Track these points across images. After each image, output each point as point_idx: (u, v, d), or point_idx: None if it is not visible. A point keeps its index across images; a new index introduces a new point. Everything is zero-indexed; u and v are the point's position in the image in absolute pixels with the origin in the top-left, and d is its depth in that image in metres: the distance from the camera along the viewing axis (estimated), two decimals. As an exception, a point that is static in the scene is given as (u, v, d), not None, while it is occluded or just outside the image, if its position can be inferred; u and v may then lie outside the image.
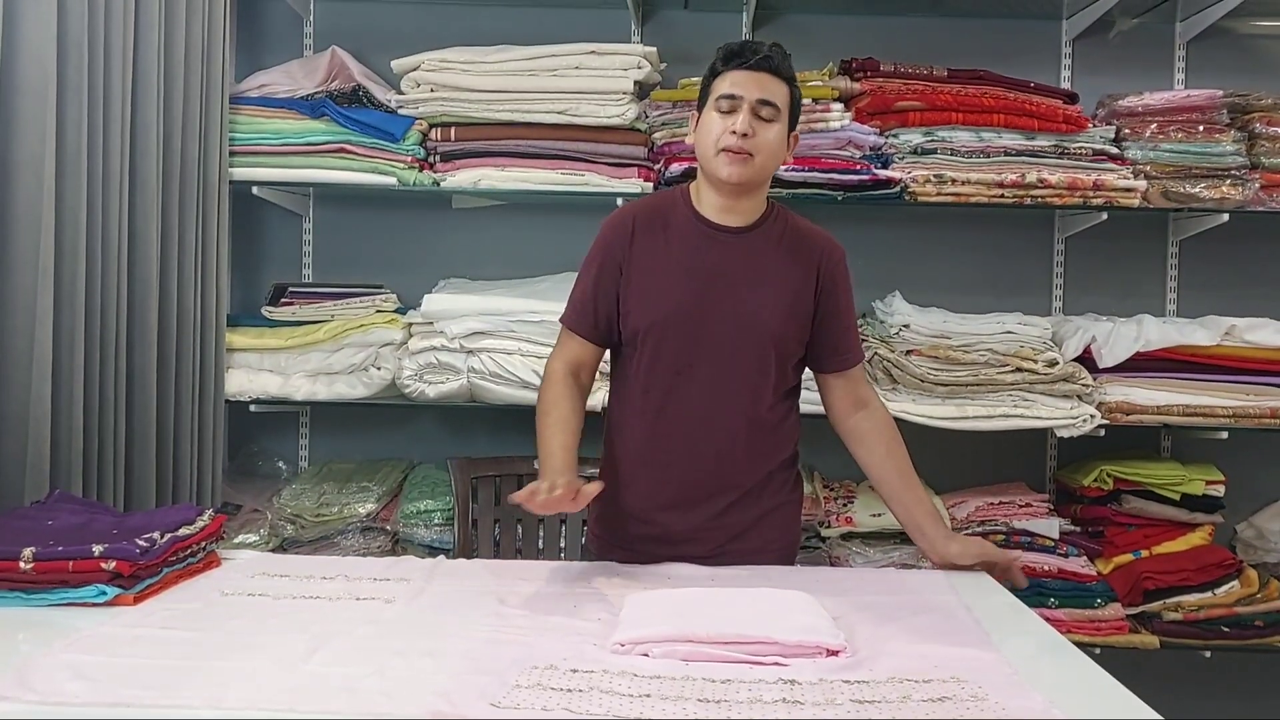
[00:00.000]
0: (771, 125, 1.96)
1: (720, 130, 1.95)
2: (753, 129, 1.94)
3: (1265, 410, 2.80)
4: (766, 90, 1.95)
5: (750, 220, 2.05)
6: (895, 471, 2.11)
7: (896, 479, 2.11)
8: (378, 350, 2.87)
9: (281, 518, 2.83)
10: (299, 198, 3.16)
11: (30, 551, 1.63)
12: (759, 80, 1.95)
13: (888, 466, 2.11)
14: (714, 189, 2.02)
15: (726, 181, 1.97)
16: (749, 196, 2.03)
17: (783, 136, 2.00)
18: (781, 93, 1.98)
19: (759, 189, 2.04)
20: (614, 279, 2.05)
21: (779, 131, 1.98)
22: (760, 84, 1.95)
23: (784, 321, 2.03)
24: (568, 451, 1.97)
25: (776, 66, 1.97)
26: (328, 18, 3.19)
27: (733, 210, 2.03)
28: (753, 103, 1.94)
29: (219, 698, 1.28)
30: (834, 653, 1.46)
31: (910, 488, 2.10)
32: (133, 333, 2.45)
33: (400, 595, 1.74)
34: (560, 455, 1.95)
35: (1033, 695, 1.33)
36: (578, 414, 2.06)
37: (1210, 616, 2.79)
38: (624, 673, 1.38)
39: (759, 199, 2.06)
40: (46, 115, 2.15)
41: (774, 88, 1.96)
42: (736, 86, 1.95)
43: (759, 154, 1.96)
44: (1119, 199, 2.83)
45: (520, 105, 2.85)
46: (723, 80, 1.97)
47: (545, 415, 2.04)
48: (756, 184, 2.02)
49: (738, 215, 2.04)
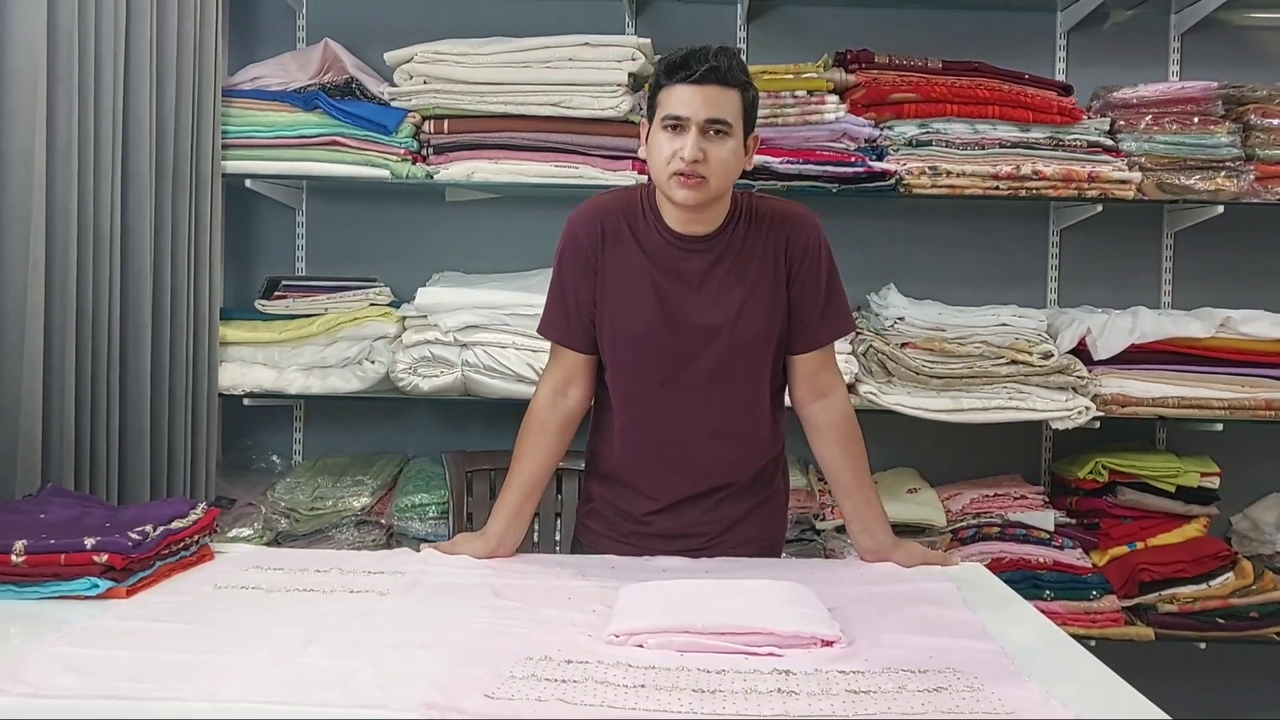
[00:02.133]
0: (725, 142, 1.84)
1: (669, 153, 1.83)
2: (703, 151, 1.82)
3: (1260, 402, 2.80)
4: (714, 107, 1.82)
5: (715, 225, 1.95)
6: (849, 469, 2.03)
7: (849, 477, 2.03)
8: (371, 344, 2.86)
9: (276, 511, 2.82)
10: (292, 190, 3.15)
11: (22, 544, 1.62)
12: (705, 96, 1.81)
13: (842, 463, 2.04)
14: (671, 204, 1.93)
15: (683, 204, 1.88)
16: (710, 209, 1.93)
17: (738, 149, 1.87)
18: (732, 104, 1.84)
19: (720, 200, 1.93)
20: (589, 279, 1.98)
21: (733, 146, 1.86)
22: (707, 100, 1.82)
23: (763, 321, 1.96)
24: (514, 513, 2.00)
25: (723, 76, 1.82)
26: (320, 10, 3.18)
27: (697, 221, 1.93)
28: (700, 123, 1.82)
29: (212, 691, 1.27)
30: (829, 643, 1.45)
31: (862, 487, 2.02)
32: (125, 326, 2.45)
33: (395, 588, 1.73)
34: (504, 517, 1.99)
35: (1029, 686, 1.33)
36: (547, 462, 2.06)
37: (1205, 608, 2.79)
38: (619, 664, 1.38)
39: (722, 205, 1.95)
40: (37, 107, 2.14)
41: (722, 102, 1.83)
42: (682, 106, 1.82)
43: (713, 175, 1.84)
44: (1114, 191, 2.82)
45: (513, 97, 2.84)
46: (668, 95, 1.84)
47: (514, 462, 2.05)
48: (715, 200, 1.91)
49: (702, 224, 1.94)
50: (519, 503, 2.01)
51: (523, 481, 2.02)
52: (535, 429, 2.04)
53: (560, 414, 2.05)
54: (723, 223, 1.96)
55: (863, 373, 2.80)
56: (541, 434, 2.04)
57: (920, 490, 2.94)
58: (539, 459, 2.04)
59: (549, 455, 2.06)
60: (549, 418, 2.04)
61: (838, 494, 2.08)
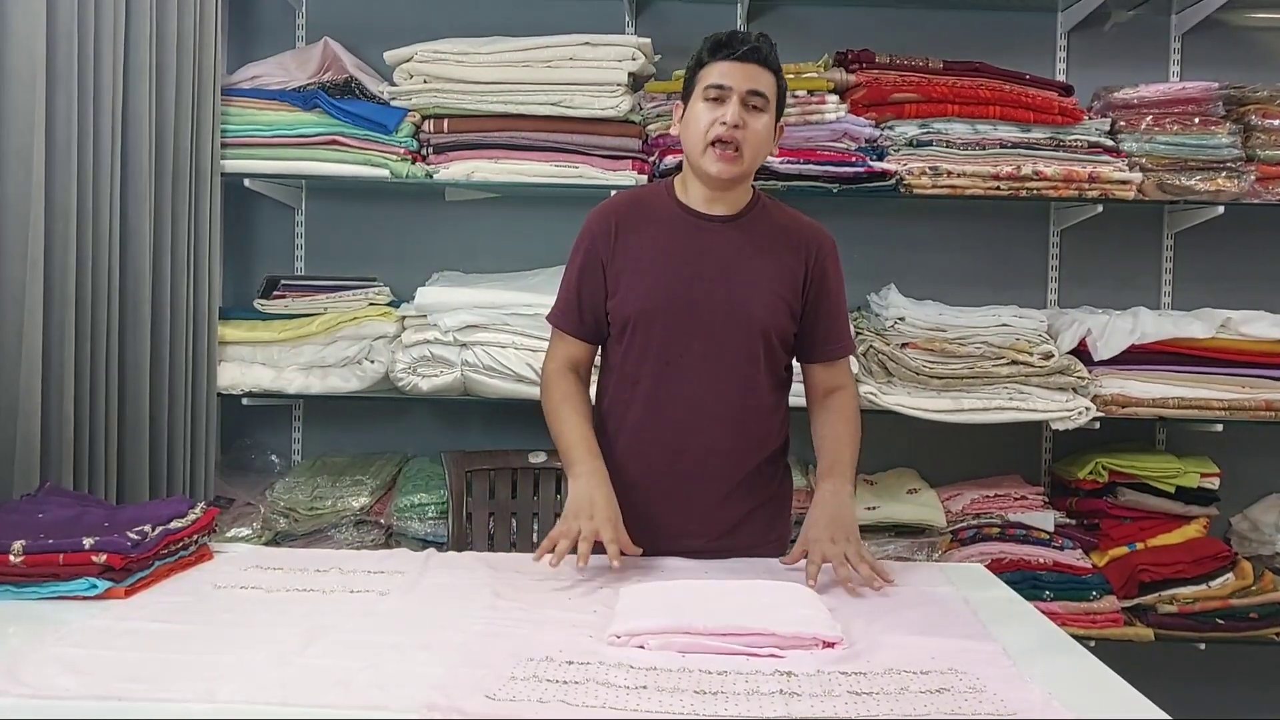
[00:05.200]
0: (761, 115, 1.95)
1: (709, 121, 1.93)
2: (742, 119, 1.93)
3: (1260, 403, 2.80)
4: (755, 81, 1.94)
5: (737, 209, 2.04)
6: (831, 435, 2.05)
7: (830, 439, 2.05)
8: (371, 343, 2.86)
9: (275, 511, 2.82)
10: (291, 190, 3.14)
11: (21, 544, 1.62)
12: (747, 71, 1.93)
13: (826, 428, 2.06)
14: (701, 182, 2.01)
15: (717, 178, 1.97)
16: (736, 188, 2.03)
17: (770, 127, 1.98)
18: (770, 83, 1.96)
19: (746, 180, 2.04)
20: (599, 274, 2.04)
21: (767, 122, 1.97)
22: (749, 75, 1.93)
23: (773, 311, 2.02)
24: (590, 441, 2.00)
25: (764, 57, 1.95)
26: (320, 9, 3.17)
27: (719, 200, 2.03)
28: (742, 93, 1.93)
29: (211, 691, 1.27)
30: (831, 644, 1.45)
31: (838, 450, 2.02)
32: (124, 325, 2.44)
33: (395, 588, 1.73)
34: (584, 445, 1.98)
35: (1030, 687, 1.33)
36: (588, 404, 2.09)
37: (1205, 609, 2.79)
38: (620, 664, 1.38)
39: (745, 189, 2.06)
40: (36, 106, 2.14)
41: (762, 78, 1.95)
42: (725, 77, 1.93)
43: (748, 146, 1.94)
44: (1114, 191, 2.82)
45: (514, 97, 2.84)
46: (710, 70, 1.95)
47: (559, 409, 2.04)
48: (745, 177, 2.02)
49: (724, 205, 2.03)
50: (589, 432, 2.01)
51: (575, 409, 2.03)
52: (562, 381, 2.07)
53: (577, 377, 2.10)
54: (743, 208, 2.05)
55: (863, 373, 2.79)
56: (570, 383, 2.07)
57: (920, 491, 2.94)
58: (580, 396, 2.07)
59: (586, 395, 2.10)
60: (570, 376, 2.08)
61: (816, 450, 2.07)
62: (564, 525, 1.85)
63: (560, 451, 2.02)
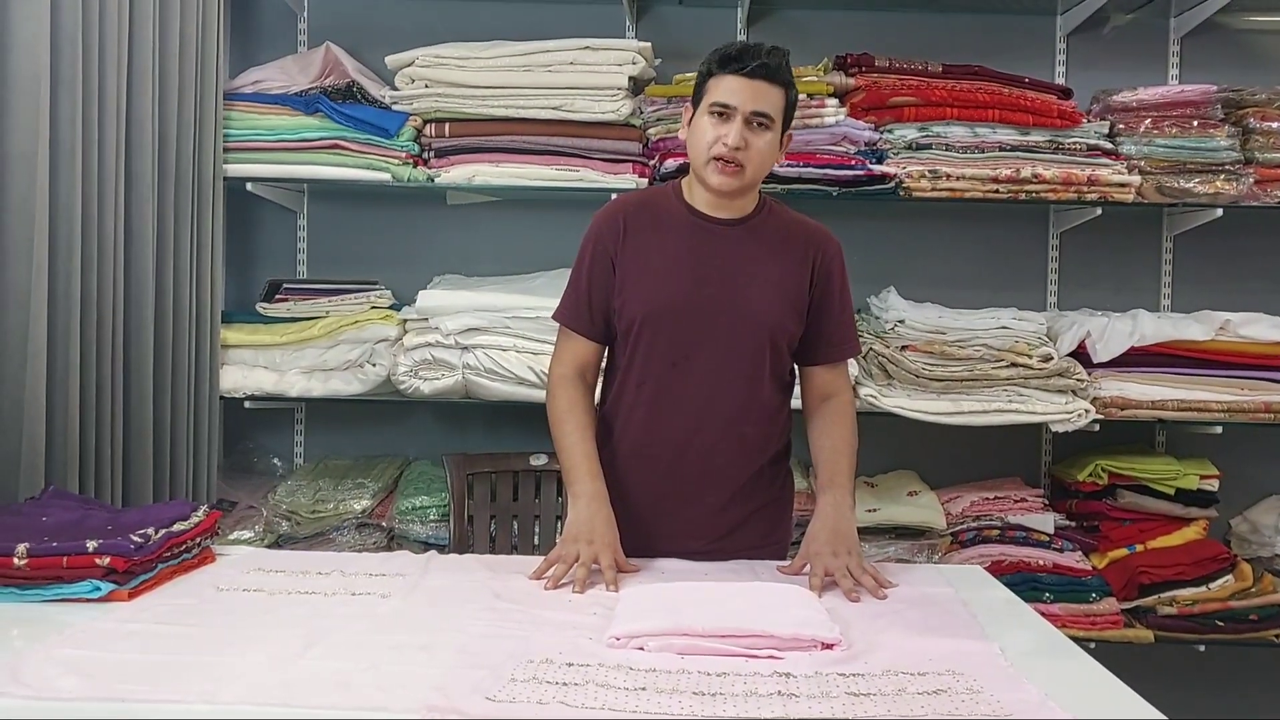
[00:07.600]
0: (765, 133, 1.95)
1: (712, 138, 1.93)
2: (745, 140, 1.92)
3: (1259, 405, 2.80)
4: (761, 100, 1.92)
5: (744, 213, 2.05)
6: (829, 441, 2.05)
7: (828, 447, 2.05)
8: (373, 346, 2.87)
9: (277, 514, 2.82)
10: (293, 194, 3.16)
11: (25, 547, 1.63)
12: (754, 90, 1.92)
13: (823, 436, 2.07)
14: (705, 189, 2.02)
15: (717, 189, 1.98)
16: (740, 197, 2.03)
17: (775, 143, 1.98)
18: (777, 101, 1.95)
19: (749, 190, 2.04)
20: (607, 273, 2.05)
21: (771, 139, 1.96)
22: (755, 94, 1.92)
23: (779, 313, 2.03)
24: (592, 460, 1.99)
25: (773, 73, 1.93)
26: (322, 14, 3.19)
27: (726, 205, 2.04)
28: (746, 114, 1.92)
29: (213, 693, 1.27)
30: (829, 646, 1.46)
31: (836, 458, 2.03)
32: (128, 329, 2.45)
33: (396, 590, 1.73)
34: (585, 465, 1.97)
35: (1029, 689, 1.33)
36: (591, 415, 2.07)
37: (1205, 611, 2.79)
38: (619, 666, 1.38)
39: (752, 195, 2.06)
40: (40, 111, 2.14)
41: (770, 96, 1.93)
42: (731, 95, 1.92)
43: (750, 164, 1.95)
44: (1113, 194, 2.83)
45: (515, 101, 2.85)
46: (717, 85, 1.94)
47: (562, 423, 2.04)
48: (747, 190, 2.02)
49: (731, 209, 2.04)
50: (590, 449, 2.01)
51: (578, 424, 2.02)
52: (568, 389, 2.06)
53: (583, 384, 2.09)
54: (750, 212, 2.06)
55: (863, 375, 2.80)
56: (576, 391, 2.06)
57: (920, 493, 2.94)
58: (584, 408, 2.06)
59: (589, 405, 2.08)
60: (577, 384, 2.07)
61: (814, 460, 2.08)
62: (562, 549, 1.86)
63: (562, 467, 2.03)
